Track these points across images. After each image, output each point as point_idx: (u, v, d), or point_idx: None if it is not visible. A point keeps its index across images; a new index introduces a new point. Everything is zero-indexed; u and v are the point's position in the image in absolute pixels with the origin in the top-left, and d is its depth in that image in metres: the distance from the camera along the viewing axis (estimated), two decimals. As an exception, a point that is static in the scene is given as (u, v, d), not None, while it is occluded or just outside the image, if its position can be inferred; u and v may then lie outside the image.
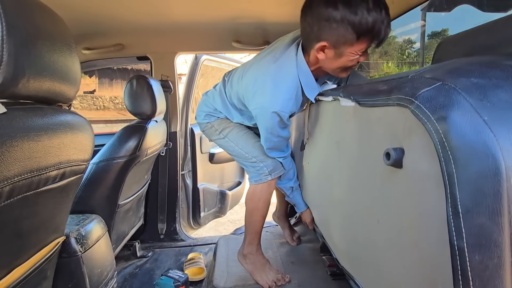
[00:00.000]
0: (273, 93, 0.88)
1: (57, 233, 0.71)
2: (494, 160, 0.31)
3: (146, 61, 1.73)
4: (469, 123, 0.32)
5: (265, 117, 0.92)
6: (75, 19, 1.30)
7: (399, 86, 0.44)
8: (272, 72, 0.90)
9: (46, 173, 0.54)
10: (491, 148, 0.31)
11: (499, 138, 0.31)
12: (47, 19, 0.55)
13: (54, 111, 0.57)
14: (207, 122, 1.16)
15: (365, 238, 0.63)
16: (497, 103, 0.33)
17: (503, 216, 0.31)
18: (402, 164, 0.44)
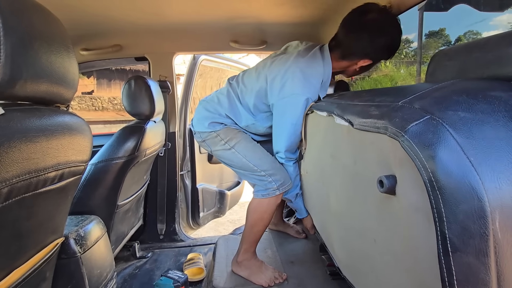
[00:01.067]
0: (304, 82, 0.97)
1: (56, 234, 0.71)
2: (479, 202, 0.32)
3: (144, 62, 1.73)
4: (456, 163, 0.34)
5: (295, 105, 0.97)
6: (72, 20, 1.30)
7: (390, 115, 0.45)
8: (301, 65, 0.98)
9: (44, 174, 0.54)
10: (476, 190, 0.32)
11: (484, 180, 0.32)
12: (44, 20, 0.55)
13: (52, 112, 0.57)
14: (211, 131, 1.10)
15: (363, 253, 0.64)
16: (482, 142, 0.34)
17: (490, 257, 0.32)
18: (395, 192, 0.45)
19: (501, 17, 8.17)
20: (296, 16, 1.33)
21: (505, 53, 0.45)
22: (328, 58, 1.01)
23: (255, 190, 1.11)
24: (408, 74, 8.76)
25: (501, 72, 0.45)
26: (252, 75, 1.10)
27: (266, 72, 1.04)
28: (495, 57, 0.47)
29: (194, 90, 1.99)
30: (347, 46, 0.99)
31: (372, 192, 0.54)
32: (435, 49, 8.37)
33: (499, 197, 0.32)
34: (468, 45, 0.55)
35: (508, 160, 0.33)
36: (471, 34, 8.12)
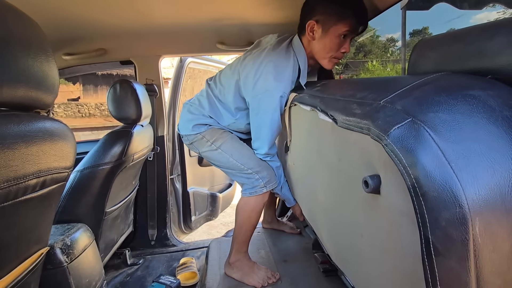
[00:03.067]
0: (277, 77, 0.95)
1: (40, 244, 0.69)
2: (460, 209, 0.33)
3: (130, 66, 1.71)
4: (438, 169, 0.34)
5: (269, 102, 0.97)
6: (53, 24, 1.27)
7: (372, 116, 0.46)
8: (273, 59, 0.97)
9: (24, 182, 0.52)
10: (458, 197, 0.33)
11: (465, 186, 0.33)
12: (21, 24, 0.53)
13: (31, 117, 0.55)
14: (197, 133, 1.11)
15: (351, 245, 0.65)
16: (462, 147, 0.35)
17: (470, 261, 0.33)
18: (380, 192, 0.46)
19: (480, 15, 8.41)
20: (282, 16, 1.33)
21: (484, 47, 0.45)
22: (299, 46, 1.01)
23: (243, 189, 1.12)
24: (395, 72, 8.91)
25: (481, 66, 0.46)
26: (227, 73, 1.10)
27: (239, 68, 1.04)
28: (475, 50, 0.47)
29: (183, 93, 1.97)
30: (299, 22, 1.00)
31: (358, 190, 0.54)
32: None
33: (478, 203, 0.33)
34: (449, 35, 0.55)
35: (487, 165, 0.33)
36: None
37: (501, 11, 5.72)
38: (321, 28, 0.94)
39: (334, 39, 0.94)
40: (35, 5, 1.05)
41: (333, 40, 0.94)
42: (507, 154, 0.34)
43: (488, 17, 5.49)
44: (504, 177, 0.33)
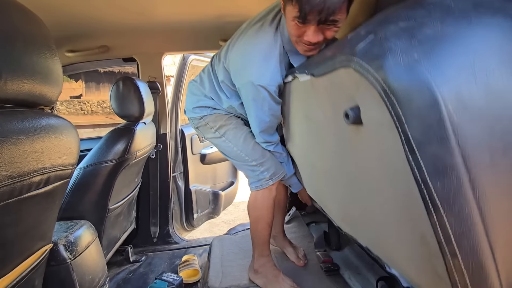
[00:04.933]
0: (261, 66, 0.84)
1: (44, 240, 0.69)
2: (430, 92, 0.33)
3: (132, 63, 1.71)
4: (402, 64, 0.35)
5: (254, 92, 0.87)
6: (57, 21, 1.27)
7: (340, 47, 0.47)
8: (258, 44, 0.85)
9: (29, 178, 0.52)
10: (425, 82, 0.33)
11: (431, 70, 0.33)
12: (25, 20, 0.53)
13: (35, 114, 0.55)
14: (200, 118, 1.06)
15: (353, 198, 0.65)
16: (424, 40, 0.35)
17: (450, 140, 0.33)
18: (362, 120, 0.47)
19: (485, 14, 8.34)
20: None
21: None
22: (283, 23, 0.86)
23: (249, 183, 1.07)
24: (397, 71, 8.86)
25: None
26: (226, 47, 0.98)
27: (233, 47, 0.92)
28: None
29: (185, 91, 1.97)
30: None
31: (345, 132, 0.55)
32: (422, 45, 8.54)
33: (446, 82, 0.33)
34: None
35: (450, 50, 0.34)
36: (457, 31, 8.28)
37: (506, 9, 5.65)
38: (285, 7, 0.77)
39: (290, 23, 0.76)
40: (39, 1, 1.05)
41: (289, 23, 0.77)
42: (465, 40, 0.34)
43: (493, 15, 5.39)
44: (466, 58, 0.33)
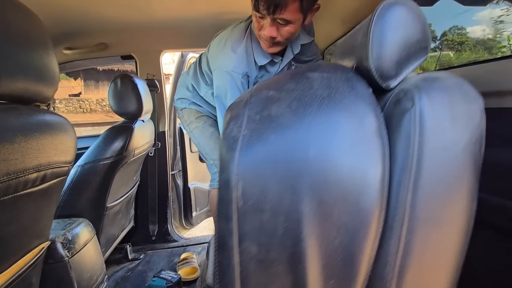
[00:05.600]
0: (229, 54, 0.91)
1: (41, 238, 0.68)
2: (228, 173, 0.34)
3: (131, 60, 1.70)
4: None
5: (221, 78, 0.92)
6: (55, 18, 1.26)
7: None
8: (230, 35, 0.93)
9: (24, 176, 0.51)
10: (226, 163, 0.35)
11: (236, 158, 0.34)
12: (21, 17, 0.53)
13: (31, 111, 0.54)
14: (180, 110, 1.17)
15: None
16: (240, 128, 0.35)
17: (232, 221, 0.34)
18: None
19: (483, 12, 8.32)
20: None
21: None
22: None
23: (210, 180, 1.15)
24: (396, 69, 8.80)
25: None
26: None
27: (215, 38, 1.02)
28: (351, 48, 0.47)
29: (183, 88, 1.96)
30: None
31: None
32: (422, 44, 8.48)
33: (241, 169, 0.33)
34: (352, 33, 0.53)
35: (255, 139, 0.34)
36: (456, 29, 8.25)
37: (504, 8, 5.66)
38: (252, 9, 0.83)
39: (253, 17, 0.84)
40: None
41: (253, 18, 0.84)
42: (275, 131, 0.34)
43: (492, 14, 5.47)
44: (265, 149, 0.33)
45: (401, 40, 0.37)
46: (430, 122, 0.30)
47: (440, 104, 0.31)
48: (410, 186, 0.30)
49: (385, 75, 0.38)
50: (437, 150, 0.30)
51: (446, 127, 0.30)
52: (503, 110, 0.71)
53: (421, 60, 0.39)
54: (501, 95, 0.71)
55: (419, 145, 0.30)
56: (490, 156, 0.73)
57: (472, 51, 7.10)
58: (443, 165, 0.30)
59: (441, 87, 0.33)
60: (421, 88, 0.33)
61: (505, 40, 4.23)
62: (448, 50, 7.98)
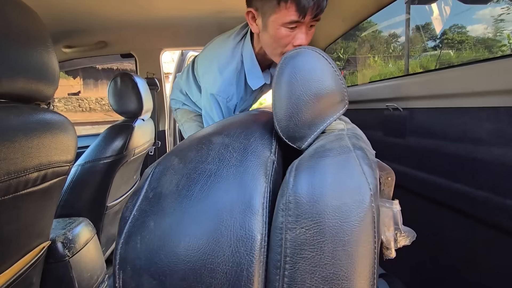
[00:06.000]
0: (215, 76, 0.86)
1: (42, 238, 0.68)
2: (114, 261, 0.32)
3: (130, 59, 1.69)
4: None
5: (206, 98, 0.90)
6: (54, 16, 1.25)
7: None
8: (218, 53, 0.87)
9: (25, 175, 0.51)
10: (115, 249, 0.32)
11: (118, 238, 0.32)
12: (21, 15, 0.52)
13: (32, 110, 0.54)
14: (175, 109, 1.19)
15: None
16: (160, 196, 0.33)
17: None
18: None
19: (484, 11, 8.30)
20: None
21: None
22: (248, 41, 0.85)
23: None
24: (396, 68, 8.86)
25: None
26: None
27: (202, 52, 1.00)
28: None
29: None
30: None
31: None
32: (422, 43, 8.50)
33: (121, 260, 0.31)
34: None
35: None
36: (456, 28, 8.23)
37: (505, 7, 5.63)
38: (261, 18, 0.75)
39: (278, 31, 0.73)
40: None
41: (277, 32, 0.73)
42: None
43: (492, 13, 5.47)
44: (144, 239, 0.31)
45: (304, 97, 0.33)
46: (303, 207, 0.25)
47: (319, 193, 0.26)
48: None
49: (292, 136, 0.34)
50: (309, 247, 0.24)
51: (320, 223, 0.24)
52: (503, 109, 0.71)
53: (338, 112, 0.34)
54: (502, 94, 0.71)
55: (290, 238, 0.25)
56: (491, 154, 0.74)
57: (472, 50, 7.11)
58: (318, 266, 0.24)
59: (326, 165, 0.28)
60: (301, 167, 0.28)
61: (505, 39, 4.23)
62: (448, 48, 7.98)
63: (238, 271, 0.26)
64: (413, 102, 1.01)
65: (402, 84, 1.04)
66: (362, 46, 8.16)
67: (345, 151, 0.28)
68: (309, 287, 0.23)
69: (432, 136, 0.93)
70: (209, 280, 0.26)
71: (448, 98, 0.86)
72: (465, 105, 0.81)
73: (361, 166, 0.26)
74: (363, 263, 0.23)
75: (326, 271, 0.23)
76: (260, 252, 0.26)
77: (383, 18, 4.51)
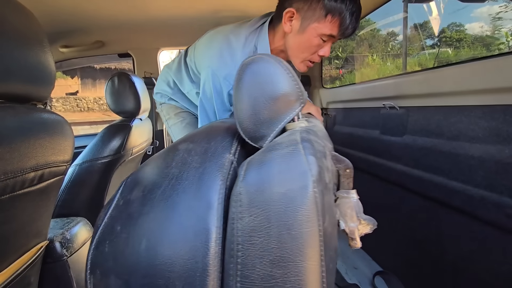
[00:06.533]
0: (225, 60, 0.81)
1: (39, 237, 0.68)
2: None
3: (128, 58, 1.69)
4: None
5: (210, 81, 0.82)
6: (50, 16, 1.25)
7: None
8: (229, 38, 0.83)
9: (22, 175, 0.51)
10: None
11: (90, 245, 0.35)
12: (16, 14, 0.52)
13: (28, 110, 0.54)
14: (160, 104, 1.14)
15: None
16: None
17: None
18: None
19: (482, 9, 8.32)
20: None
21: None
22: (264, 35, 0.84)
23: None
24: (395, 66, 8.90)
25: None
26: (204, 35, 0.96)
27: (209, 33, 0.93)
28: None
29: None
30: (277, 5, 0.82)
31: None
32: (420, 41, 8.52)
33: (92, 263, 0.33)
34: None
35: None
36: (454, 26, 8.27)
37: (503, 5, 5.65)
38: (300, 21, 0.76)
39: (313, 39, 0.76)
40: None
41: (311, 39, 0.76)
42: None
43: (490, 11, 5.45)
44: (111, 243, 0.33)
45: (261, 99, 0.35)
46: (249, 200, 0.27)
47: (266, 182, 0.27)
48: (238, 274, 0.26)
49: (253, 136, 0.36)
50: (257, 233, 0.26)
51: (266, 209, 0.26)
52: (499, 107, 0.71)
53: (294, 111, 0.36)
54: (497, 92, 0.71)
55: (241, 227, 0.26)
56: (487, 152, 0.74)
57: (471, 48, 7.12)
58: (266, 250, 0.25)
59: (273, 157, 0.29)
60: (252, 161, 0.30)
61: (503, 37, 4.22)
62: (447, 47, 7.99)
63: (194, 263, 0.27)
64: (409, 101, 1.01)
65: (399, 83, 1.05)
66: (360, 45, 8.14)
67: (292, 144, 0.29)
68: (259, 271, 0.24)
69: (429, 134, 0.93)
70: (168, 274, 0.27)
71: (444, 97, 0.87)
72: (461, 103, 0.81)
73: (305, 156, 0.27)
74: (309, 244, 0.24)
75: (274, 255, 0.24)
76: (215, 243, 0.27)
77: (381, 17, 4.50)
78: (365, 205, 0.42)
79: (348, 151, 1.39)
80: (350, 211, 0.35)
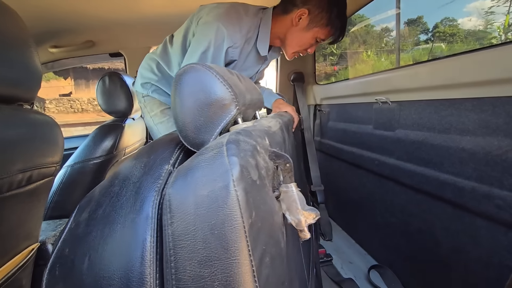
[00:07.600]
0: (232, 18, 0.83)
1: (30, 240, 0.67)
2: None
3: (119, 58, 1.67)
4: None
5: (209, 30, 0.82)
6: (39, 16, 1.23)
7: None
8: (238, 5, 0.89)
9: (9, 177, 0.50)
10: None
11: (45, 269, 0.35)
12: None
13: (14, 110, 0.53)
14: (142, 96, 1.04)
15: None
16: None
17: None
18: None
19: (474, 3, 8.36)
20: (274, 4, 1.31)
21: None
22: (267, 19, 0.92)
23: None
24: (389, 62, 8.92)
25: None
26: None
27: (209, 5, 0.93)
28: None
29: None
30: None
31: None
32: (414, 36, 8.55)
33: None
34: None
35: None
36: (447, 21, 8.29)
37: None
38: (307, 21, 0.89)
39: (311, 39, 0.92)
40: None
41: (310, 39, 0.92)
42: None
43: (483, 5, 5.46)
44: (57, 263, 0.34)
45: (196, 106, 0.36)
46: (177, 209, 0.28)
47: (191, 186, 0.28)
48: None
49: (194, 143, 0.38)
50: (185, 237, 0.27)
51: (191, 213, 0.27)
52: (487, 99, 0.72)
53: (230, 115, 0.38)
54: (486, 84, 0.71)
55: (171, 232, 0.27)
56: (477, 144, 0.75)
57: (464, 42, 7.16)
58: (193, 252, 0.26)
59: (198, 162, 0.30)
60: (180, 168, 0.30)
61: (495, 31, 4.25)
62: (440, 42, 8.02)
63: (129, 273, 0.28)
64: (401, 95, 1.02)
65: (391, 77, 1.05)
66: (355, 41, 8.12)
67: (217, 147, 0.30)
68: (190, 272, 0.26)
69: (421, 128, 0.94)
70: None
71: (435, 90, 0.87)
72: (451, 96, 0.82)
73: (227, 157, 0.28)
74: (233, 241, 0.25)
75: (200, 255, 0.26)
76: (150, 251, 0.28)
77: (374, 13, 4.52)
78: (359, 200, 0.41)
79: (342, 146, 1.39)
80: (294, 204, 0.36)
